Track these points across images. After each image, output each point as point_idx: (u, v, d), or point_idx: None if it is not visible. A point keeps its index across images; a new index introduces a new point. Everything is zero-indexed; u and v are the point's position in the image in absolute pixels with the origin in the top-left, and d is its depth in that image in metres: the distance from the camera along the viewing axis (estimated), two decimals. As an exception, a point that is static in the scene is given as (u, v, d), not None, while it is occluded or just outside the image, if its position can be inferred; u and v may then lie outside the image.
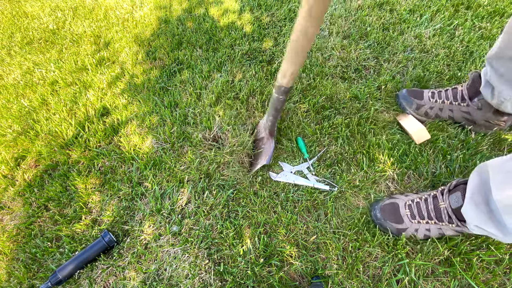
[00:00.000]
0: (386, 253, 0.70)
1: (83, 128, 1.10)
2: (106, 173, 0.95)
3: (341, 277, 0.68)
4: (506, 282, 0.63)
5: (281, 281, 0.69)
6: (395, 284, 0.66)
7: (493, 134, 0.85)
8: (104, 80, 1.28)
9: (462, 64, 1.05)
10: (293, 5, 1.46)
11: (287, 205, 0.80)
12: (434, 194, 0.68)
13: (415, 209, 0.68)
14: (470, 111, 0.81)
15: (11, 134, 1.14)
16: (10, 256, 0.83)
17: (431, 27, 1.21)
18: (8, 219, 0.92)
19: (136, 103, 1.15)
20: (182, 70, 1.24)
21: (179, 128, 1.00)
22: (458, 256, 0.66)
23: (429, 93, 0.88)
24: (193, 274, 0.71)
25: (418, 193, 0.73)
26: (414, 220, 0.68)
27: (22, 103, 1.26)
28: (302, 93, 1.05)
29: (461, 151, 0.82)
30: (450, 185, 0.65)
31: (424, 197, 0.69)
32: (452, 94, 0.84)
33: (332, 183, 0.83)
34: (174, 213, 0.82)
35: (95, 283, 0.74)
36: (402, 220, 0.69)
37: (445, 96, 0.85)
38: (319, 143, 0.92)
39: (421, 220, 0.67)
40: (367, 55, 1.14)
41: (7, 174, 1.02)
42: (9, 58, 1.60)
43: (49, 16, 1.89)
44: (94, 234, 0.82)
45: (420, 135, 0.84)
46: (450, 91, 0.85)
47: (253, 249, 0.74)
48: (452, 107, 0.84)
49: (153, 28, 1.55)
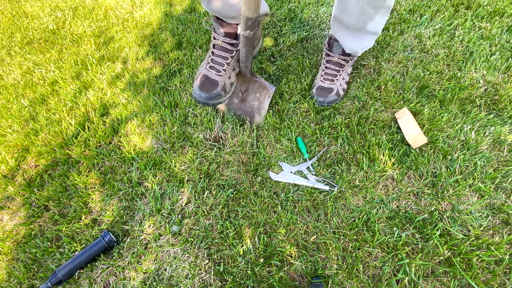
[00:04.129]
0: (386, 253, 0.70)
1: (83, 128, 1.10)
2: (106, 173, 0.95)
3: (341, 277, 0.68)
4: (506, 282, 0.63)
5: (281, 281, 0.69)
6: (395, 284, 0.66)
7: (493, 134, 0.85)
8: (104, 80, 1.28)
9: (462, 64, 1.05)
10: (293, 5, 1.46)
11: (287, 205, 0.80)
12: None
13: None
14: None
15: (11, 134, 1.14)
16: (10, 256, 0.83)
17: (431, 27, 1.21)
18: (8, 219, 0.92)
19: (136, 103, 1.15)
20: (182, 70, 1.24)
21: (179, 128, 1.00)
22: (458, 256, 0.66)
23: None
24: (193, 274, 0.71)
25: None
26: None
27: (22, 103, 1.26)
28: (302, 93, 1.05)
29: (461, 151, 0.82)
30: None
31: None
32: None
33: (332, 183, 0.83)
34: (174, 213, 0.82)
35: (95, 283, 0.74)
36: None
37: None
38: (319, 143, 0.92)
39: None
40: (367, 55, 1.14)
41: (7, 174, 1.02)
42: (9, 58, 1.60)
43: (49, 16, 1.89)
44: (94, 234, 0.82)
45: (416, 140, 0.84)
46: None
47: (253, 249, 0.74)
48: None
49: (153, 28, 1.55)
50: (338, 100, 1.02)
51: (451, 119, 0.91)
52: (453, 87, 0.97)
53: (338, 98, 1.02)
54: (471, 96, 0.95)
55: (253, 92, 0.93)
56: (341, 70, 1.03)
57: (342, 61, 1.03)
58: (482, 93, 0.96)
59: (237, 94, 0.98)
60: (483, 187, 0.75)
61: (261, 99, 0.91)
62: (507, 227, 0.70)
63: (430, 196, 0.77)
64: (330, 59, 1.04)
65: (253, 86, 0.92)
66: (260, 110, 0.94)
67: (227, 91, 0.87)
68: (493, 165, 0.80)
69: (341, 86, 1.02)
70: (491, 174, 0.77)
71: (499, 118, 0.89)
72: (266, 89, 0.89)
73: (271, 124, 0.97)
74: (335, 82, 1.02)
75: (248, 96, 0.96)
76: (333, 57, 1.03)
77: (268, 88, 0.89)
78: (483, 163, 0.80)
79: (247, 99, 0.97)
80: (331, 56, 1.04)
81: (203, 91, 0.82)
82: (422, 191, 0.78)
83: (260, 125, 0.97)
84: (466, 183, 0.76)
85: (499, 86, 0.96)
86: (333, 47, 1.03)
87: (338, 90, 1.01)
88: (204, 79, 0.84)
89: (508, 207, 0.72)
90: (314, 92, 1.02)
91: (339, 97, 1.02)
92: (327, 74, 1.04)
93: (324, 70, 1.05)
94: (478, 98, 0.94)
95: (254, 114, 0.99)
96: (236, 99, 1.01)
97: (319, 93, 1.00)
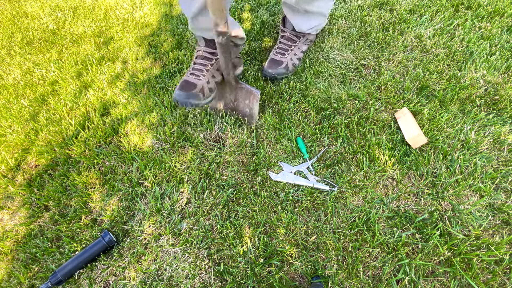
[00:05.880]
0: (386, 253, 0.70)
1: (83, 128, 1.10)
2: (106, 173, 0.95)
3: (341, 277, 0.68)
4: (506, 282, 0.63)
5: (281, 281, 0.69)
6: (395, 284, 0.66)
7: (493, 134, 0.85)
8: (104, 80, 1.28)
9: (462, 64, 1.05)
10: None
11: (287, 205, 0.80)
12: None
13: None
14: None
15: (11, 134, 1.14)
16: (10, 256, 0.83)
17: (431, 27, 1.21)
18: (8, 219, 0.92)
19: (136, 103, 1.15)
20: (182, 70, 1.24)
21: (179, 129, 1.00)
22: (458, 256, 0.66)
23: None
24: (193, 274, 0.71)
25: None
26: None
27: (22, 103, 1.26)
28: (302, 93, 1.05)
29: (461, 152, 0.82)
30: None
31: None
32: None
33: (332, 183, 0.83)
34: (174, 213, 0.82)
35: (95, 283, 0.74)
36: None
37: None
38: (319, 143, 0.92)
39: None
40: (367, 55, 1.14)
41: (7, 174, 1.02)
42: (9, 58, 1.60)
43: (49, 16, 1.89)
44: (94, 234, 0.82)
45: (416, 140, 0.84)
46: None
47: (253, 249, 0.74)
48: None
49: (153, 28, 1.55)
50: (286, 74, 1.08)
51: (451, 119, 0.91)
52: (453, 87, 0.97)
53: (287, 72, 1.09)
54: (471, 96, 0.95)
55: (243, 100, 0.97)
56: (293, 46, 1.11)
57: (294, 37, 1.12)
58: (482, 93, 0.95)
59: (229, 105, 1.02)
60: (483, 187, 0.75)
61: (250, 105, 0.96)
62: (507, 227, 0.70)
63: (430, 196, 0.77)
64: (283, 34, 1.14)
65: (240, 93, 0.96)
66: (253, 116, 0.98)
67: (205, 95, 0.91)
68: (493, 165, 0.80)
69: (291, 60, 1.09)
70: (491, 174, 0.77)
71: (499, 118, 0.89)
72: (253, 94, 0.93)
73: (271, 124, 0.97)
74: (285, 56, 1.09)
75: (238, 105, 1.00)
76: (286, 32, 1.12)
77: (254, 93, 0.92)
78: (483, 163, 0.80)
79: (239, 108, 1.00)
80: (284, 32, 1.13)
81: (182, 91, 0.88)
82: (422, 191, 0.78)
83: (257, 126, 1.00)
84: (466, 183, 0.76)
85: (499, 86, 0.96)
86: (286, 24, 1.13)
87: (287, 64, 1.08)
88: (184, 83, 0.91)
89: (508, 207, 0.72)
90: (265, 65, 1.08)
91: (287, 71, 1.08)
92: (279, 48, 1.11)
93: (277, 45, 1.13)
94: (478, 98, 0.94)
95: (248, 121, 1.01)
96: (229, 110, 1.03)
97: (269, 66, 1.08)
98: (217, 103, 1.03)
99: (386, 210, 0.76)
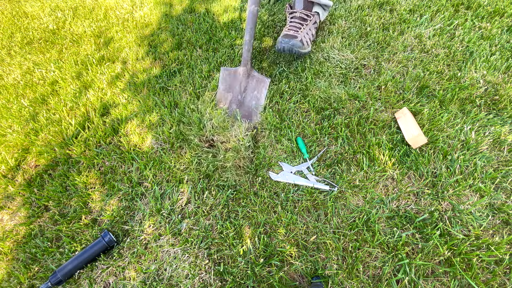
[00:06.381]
0: (386, 253, 0.70)
1: (83, 128, 1.10)
2: (106, 173, 0.95)
3: (341, 277, 0.68)
4: (506, 282, 0.63)
5: (281, 281, 0.69)
6: (395, 284, 0.66)
7: (493, 134, 0.85)
8: (104, 80, 1.28)
9: (462, 64, 1.05)
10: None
11: (287, 205, 0.80)
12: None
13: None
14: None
15: (11, 134, 1.14)
16: (10, 256, 0.83)
17: (431, 27, 1.21)
18: (8, 219, 0.92)
19: (136, 103, 1.15)
20: (182, 70, 1.24)
21: (177, 128, 1.00)
22: (458, 256, 0.66)
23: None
24: (193, 274, 0.71)
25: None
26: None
27: (22, 103, 1.26)
28: (302, 93, 1.05)
29: (461, 152, 0.82)
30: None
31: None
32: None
33: (332, 183, 0.83)
34: (174, 213, 0.82)
35: (95, 283, 0.74)
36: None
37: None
38: (319, 143, 0.92)
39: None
40: (367, 55, 1.14)
41: (7, 174, 1.02)
42: (9, 58, 1.60)
43: (49, 16, 1.89)
44: (94, 234, 0.82)
45: (416, 140, 0.84)
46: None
47: (253, 249, 0.74)
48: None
49: (153, 28, 1.55)
50: (302, 48, 1.09)
51: (451, 119, 0.91)
52: (453, 87, 0.97)
53: (303, 46, 1.09)
54: (471, 96, 0.95)
55: (251, 91, 1.02)
56: (304, 24, 1.15)
57: (304, 15, 1.15)
58: (482, 93, 0.95)
59: (236, 98, 1.04)
60: (483, 187, 0.75)
61: (258, 95, 1.02)
62: (507, 227, 0.70)
63: (430, 196, 0.77)
64: (294, 14, 1.17)
65: (251, 83, 1.02)
66: (258, 105, 1.03)
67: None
68: (493, 165, 0.80)
69: (305, 37, 1.12)
70: (491, 174, 0.77)
71: (499, 118, 0.89)
72: (264, 82, 1.01)
73: (271, 124, 0.97)
74: (299, 32, 1.11)
75: (246, 98, 1.03)
76: (296, 12, 1.16)
77: (265, 80, 1.01)
78: (483, 163, 0.80)
79: (245, 101, 1.03)
80: (294, 12, 1.17)
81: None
82: (422, 191, 0.78)
83: (257, 124, 1.02)
84: (466, 183, 0.76)
85: (499, 86, 0.96)
86: (296, 4, 1.17)
87: (302, 39, 1.09)
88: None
89: (508, 207, 0.72)
90: (280, 39, 1.09)
91: (303, 45, 1.09)
92: (292, 26, 1.14)
93: (289, 24, 1.16)
94: (478, 98, 0.94)
95: (252, 116, 1.03)
96: (235, 105, 1.04)
97: (283, 39, 1.08)
98: (225, 94, 1.06)
99: (386, 210, 0.76)
